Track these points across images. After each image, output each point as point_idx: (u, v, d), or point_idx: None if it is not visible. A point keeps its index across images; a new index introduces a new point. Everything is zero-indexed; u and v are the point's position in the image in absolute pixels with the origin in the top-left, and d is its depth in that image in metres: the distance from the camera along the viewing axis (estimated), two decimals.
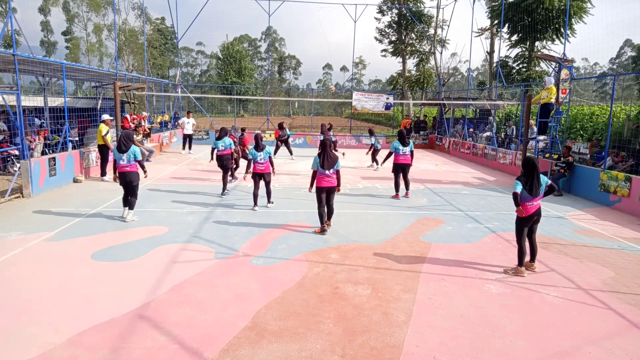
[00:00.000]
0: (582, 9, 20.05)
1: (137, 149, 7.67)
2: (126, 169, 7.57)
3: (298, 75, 73.68)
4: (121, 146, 7.56)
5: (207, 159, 16.26)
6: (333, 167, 7.18)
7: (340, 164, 7.31)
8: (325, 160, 7.13)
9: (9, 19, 9.19)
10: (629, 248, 7.06)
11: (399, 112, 32.27)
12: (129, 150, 7.57)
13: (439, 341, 4.09)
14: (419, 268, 5.90)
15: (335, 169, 7.20)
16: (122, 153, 7.55)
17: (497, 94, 21.36)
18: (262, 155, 8.53)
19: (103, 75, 15.96)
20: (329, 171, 7.16)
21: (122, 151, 7.55)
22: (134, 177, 7.62)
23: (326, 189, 7.25)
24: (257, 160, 8.53)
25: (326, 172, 7.15)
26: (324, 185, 7.21)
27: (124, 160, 7.55)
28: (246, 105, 46.37)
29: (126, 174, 7.56)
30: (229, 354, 3.77)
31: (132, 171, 7.61)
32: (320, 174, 7.19)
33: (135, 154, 7.61)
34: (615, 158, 11.67)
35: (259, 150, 8.54)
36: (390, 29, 31.74)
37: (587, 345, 4.12)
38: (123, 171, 7.57)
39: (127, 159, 7.55)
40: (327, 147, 7.24)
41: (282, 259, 6.09)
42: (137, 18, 50.80)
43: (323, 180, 7.20)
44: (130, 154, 7.56)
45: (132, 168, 7.60)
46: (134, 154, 7.60)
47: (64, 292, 4.90)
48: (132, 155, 7.58)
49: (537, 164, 5.61)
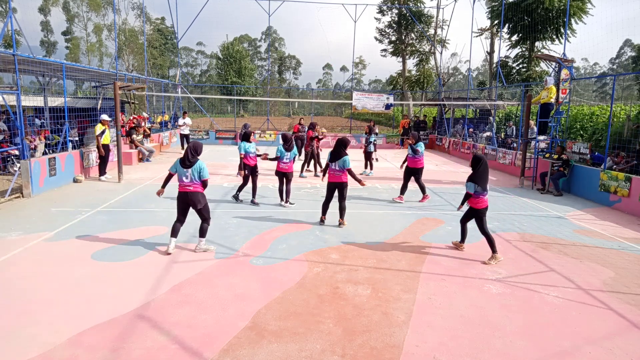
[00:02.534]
0: (582, 9, 20.06)
1: (204, 166, 6.07)
2: (188, 188, 5.99)
3: (298, 75, 73.74)
4: (186, 160, 5.97)
5: (207, 159, 16.30)
6: (338, 163, 7.49)
7: (349, 163, 7.53)
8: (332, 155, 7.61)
9: (9, 19, 9.18)
10: (629, 248, 7.06)
11: (399, 112, 32.26)
12: (194, 166, 5.98)
13: (439, 341, 4.09)
14: (419, 268, 5.90)
15: (344, 167, 7.49)
16: (185, 168, 5.97)
17: (497, 94, 21.36)
18: (288, 155, 8.92)
19: (103, 75, 15.96)
20: (337, 167, 7.53)
21: (186, 166, 5.97)
22: (198, 198, 6.04)
23: (330, 184, 7.71)
24: (283, 159, 8.89)
25: (331, 167, 7.60)
26: (329, 180, 7.72)
27: (187, 177, 5.97)
28: (246, 105, 46.36)
29: (188, 194, 6.00)
30: (229, 354, 3.77)
31: (196, 191, 6.03)
32: (329, 168, 7.69)
33: (202, 171, 6.01)
34: (615, 158, 11.67)
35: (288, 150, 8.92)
36: (390, 29, 31.77)
37: (587, 345, 4.12)
38: (184, 190, 6.01)
39: (191, 177, 5.99)
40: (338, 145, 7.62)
41: (282, 259, 6.09)
42: (137, 18, 50.85)
43: (329, 175, 7.71)
44: (195, 171, 5.98)
45: (196, 188, 6.03)
46: (199, 171, 6.01)
47: (64, 292, 4.90)
48: (197, 173, 6.00)
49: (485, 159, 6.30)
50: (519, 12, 20.79)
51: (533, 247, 6.91)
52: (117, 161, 11.40)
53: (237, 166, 14.59)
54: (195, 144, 6.13)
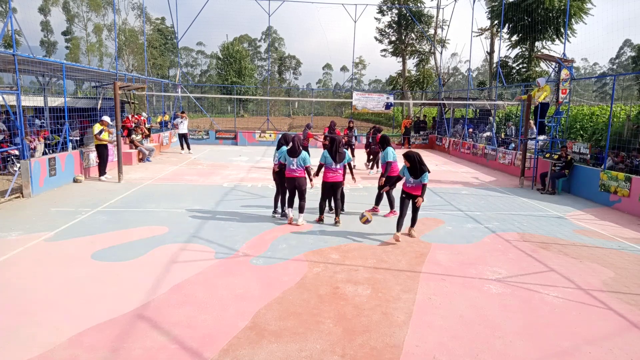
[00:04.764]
0: (582, 9, 20.05)
1: (306, 155, 7.58)
2: (295, 174, 7.51)
3: (298, 75, 73.65)
4: (294, 151, 7.48)
5: (207, 159, 16.31)
6: (342, 162, 7.65)
7: (349, 158, 7.83)
8: (335, 155, 7.59)
9: (9, 19, 9.18)
10: (629, 248, 7.06)
11: (399, 112, 32.27)
12: (300, 156, 7.47)
13: (439, 341, 4.09)
14: (419, 268, 5.90)
15: (343, 163, 7.67)
16: (293, 157, 7.46)
17: (497, 94, 21.35)
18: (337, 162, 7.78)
19: (103, 75, 15.96)
20: (337, 165, 7.60)
21: (294, 156, 7.47)
22: (302, 182, 7.59)
23: (330, 184, 7.66)
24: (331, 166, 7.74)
25: (332, 167, 7.60)
26: (330, 180, 7.64)
27: (294, 165, 7.47)
28: (246, 105, 46.35)
29: (295, 179, 7.54)
30: (229, 354, 3.77)
31: (301, 176, 7.57)
32: (327, 169, 7.64)
33: (305, 160, 7.51)
34: (615, 158, 11.67)
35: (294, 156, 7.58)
36: (390, 29, 31.72)
37: (586, 345, 4.12)
38: (292, 176, 7.54)
39: (297, 164, 7.47)
40: (337, 143, 7.64)
41: (282, 259, 6.09)
42: (137, 18, 50.78)
43: (329, 175, 7.64)
44: (300, 160, 7.47)
45: (301, 174, 7.56)
46: (304, 160, 7.50)
47: (64, 292, 4.90)
48: (302, 161, 7.49)
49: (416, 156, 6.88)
50: (519, 12, 20.77)
51: (533, 247, 6.91)
52: (117, 161, 11.41)
53: (237, 166, 14.62)
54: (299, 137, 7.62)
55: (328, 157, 7.64)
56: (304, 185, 7.61)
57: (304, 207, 7.69)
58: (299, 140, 7.62)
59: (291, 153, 7.48)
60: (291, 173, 7.52)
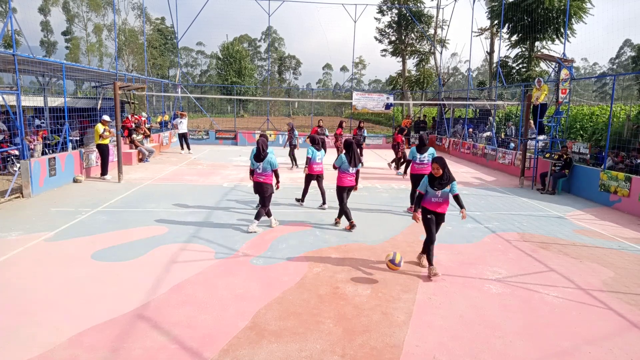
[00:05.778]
0: (582, 9, 20.04)
1: (273, 158, 7.15)
2: (260, 179, 7.15)
3: (298, 75, 73.69)
4: (259, 154, 7.11)
5: (206, 159, 16.31)
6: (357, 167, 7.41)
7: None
8: (353, 159, 7.33)
9: (9, 19, 9.19)
10: (629, 248, 7.06)
11: (399, 112, 32.26)
12: (265, 159, 7.08)
13: (439, 341, 4.09)
14: (419, 268, 5.90)
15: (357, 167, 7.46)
16: (258, 162, 7.12)
17: (497, 94, 21.35)
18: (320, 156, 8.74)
19: (103, 75, 15.96)
20: (353, 170, 7.38)
21: (259, 160, 7.12)
22: (265, 189, 7.18)
23: (348, 188, 7.47)
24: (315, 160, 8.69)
25: (349, 171, 7.35)
26: (346, 185, 7.41)
27: (260, 169, 7.12)
28: (246, 105, 46.34)
29: (258, 185, 7.18)
30: (229, 354, 3.77)
31: (265, 182, 7.15)
32: (344, 173, 7.37)
33: (272, 163, 7.11)
34: (615, 158, 11.67)
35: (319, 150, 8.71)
36: (390, 29, 31.72)
37: (586, 345, 4.12)
38: (257, 181, 7.19)
39: (263, 169, 7.11)
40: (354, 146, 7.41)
41: (282, 259, 6.09)
42: (137, 18, 50.82)
43: (346, 179, 7.38)
44: (266, 164, 7.09)
45: (267, 179, 7.14)
46: (271, 164, 7.11)
47: (64, 292, 4.90)
48: (268, 165, 7.10)
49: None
50: (519, 12, 20.77)
51: (533, 247, 6.91)
52: (117, 161, 11.41)
53: (237, 166, 14.62)
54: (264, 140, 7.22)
55: (345, 161, 7.30)
56: (267, 191, 7.21)
57: (261, 215, 7.28)
58: (263, 144, 7.14)
59: (256, 157, 7.15)
60: (257, 178, 7.21)
